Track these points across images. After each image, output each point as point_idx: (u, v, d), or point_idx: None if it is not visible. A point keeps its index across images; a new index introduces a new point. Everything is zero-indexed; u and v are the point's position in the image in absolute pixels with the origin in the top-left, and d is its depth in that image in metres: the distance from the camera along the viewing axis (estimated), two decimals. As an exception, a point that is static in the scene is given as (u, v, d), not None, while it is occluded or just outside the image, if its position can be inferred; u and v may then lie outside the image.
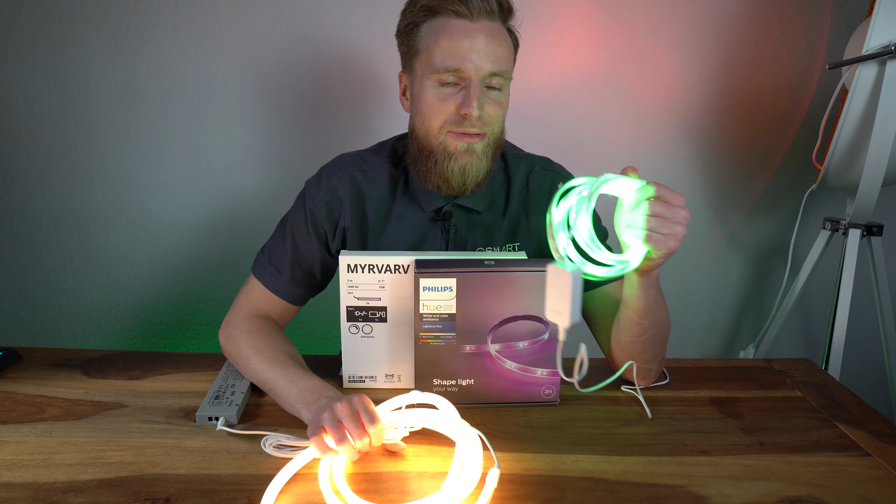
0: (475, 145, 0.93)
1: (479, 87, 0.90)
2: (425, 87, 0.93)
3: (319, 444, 0.73)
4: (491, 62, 0.90)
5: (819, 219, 1.58)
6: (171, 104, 1.54)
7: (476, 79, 0.90)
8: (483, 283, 0.85)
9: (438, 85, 0.91)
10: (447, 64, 0.89)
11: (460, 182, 0.95)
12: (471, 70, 0.89)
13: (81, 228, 1.61)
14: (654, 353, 0.93)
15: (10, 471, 0.73)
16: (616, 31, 1.55)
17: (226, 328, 0.98)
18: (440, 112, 0.92)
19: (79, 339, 1.68)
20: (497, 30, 0.91)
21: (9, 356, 1.02)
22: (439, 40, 0.90)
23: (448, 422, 0.79)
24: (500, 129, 0.97)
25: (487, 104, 0.92)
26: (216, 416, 0.84)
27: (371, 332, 0.94)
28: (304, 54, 1.53)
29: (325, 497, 0.69)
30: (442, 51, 0.90)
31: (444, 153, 0.94)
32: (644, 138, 1.63)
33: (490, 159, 0.96)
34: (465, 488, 0.68)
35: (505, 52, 0.92)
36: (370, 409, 0.76)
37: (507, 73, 0.93)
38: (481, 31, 0.90)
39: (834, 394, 0.98)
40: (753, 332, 1.80)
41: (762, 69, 1.60)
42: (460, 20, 0.90)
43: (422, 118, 0.94)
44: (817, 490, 0.72)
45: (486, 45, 0.89)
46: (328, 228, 1.01)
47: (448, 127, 0.92)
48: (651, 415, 0.89)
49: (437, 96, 0.92)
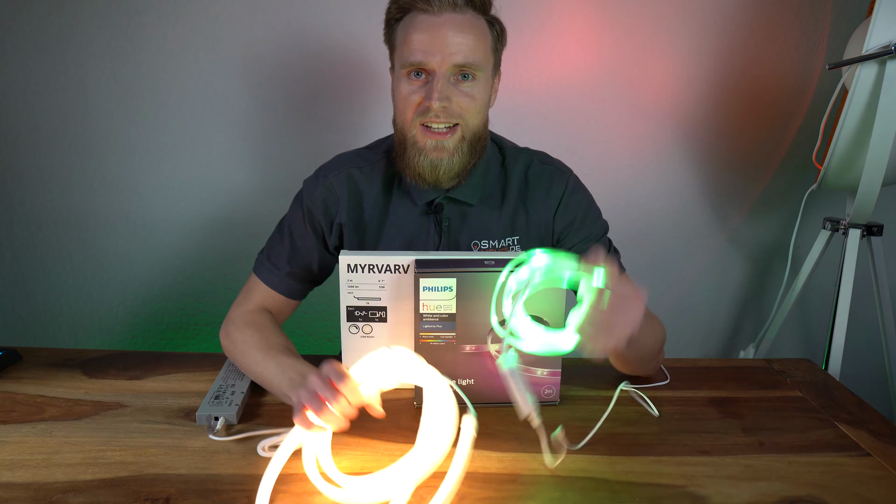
0: (444, 142, 0.94)
1: (442, 80, 0.91)
2: (400, 81, 0.95)
3: (303, 422, 0.72)
4: (455, 54, 0.90)
5: (819, 219, 1.58)
6: (171, 104, 1.54)
7: (440, 71, 0.91)
8: (483, 283, 0.85)
9: (408, 78, 0.94)
10: (411, 58, 0.91)
11: (433, 176, 0.96)
12: (434, 63, 0.91)
13: (81, 228, 1.61)
14: (651, 365, 0.96)
15: (10, 471, 0.73)
16: (616, 31, 1.55)
17: (225, 326, 1.00)
18: (410, 104, 0.94)
19: (79, 339, 1.68)
20: (464, 22, 0.91)
21: (9, 356, 1.02)
22: (408, 35, 0.92)
23: (417, 372, 0.76)
24: (478, 121, 0.97)
25: (456, 96, 0.93)
26: (216, 416, 0.84)
27: (371, 332, 0.94)
28: (303, 54, 1.53)
29: (310, 477, 0.69)
30: (409, 45, 0.92)
31: (415, 148, 0.95)
32: (644, 138, 1.63)
33: (467, 153, 0.97)
34: (441, 437, 0.67)
35: (472, 43, 0.92)
36: (339, 370, 0.75)
37: (478, 63, 0.93)
38: (444, 24, 0.90)
39: (834, 394, 0.98)
40: (753, 332, 1.80)
41: (762, 69, 1.60)
42: (425, 15, 0.91)
43: (397, 112, 0.98)
44: (817, 490, 0.72)
45: (450, 37, 0.90)
46: (324, 225, 1.02)
47: (418, 119, 0.94)
48: (658, 413, 0.89)
49: (408, 89, 0.94)
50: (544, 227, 1.03)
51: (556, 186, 1.04)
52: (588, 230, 1.03)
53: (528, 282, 0.75)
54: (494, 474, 0.74)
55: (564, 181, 1.04)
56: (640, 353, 0.93)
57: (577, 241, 1.03)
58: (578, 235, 1.03)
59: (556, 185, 1.04)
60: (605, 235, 1.06)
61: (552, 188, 1.03)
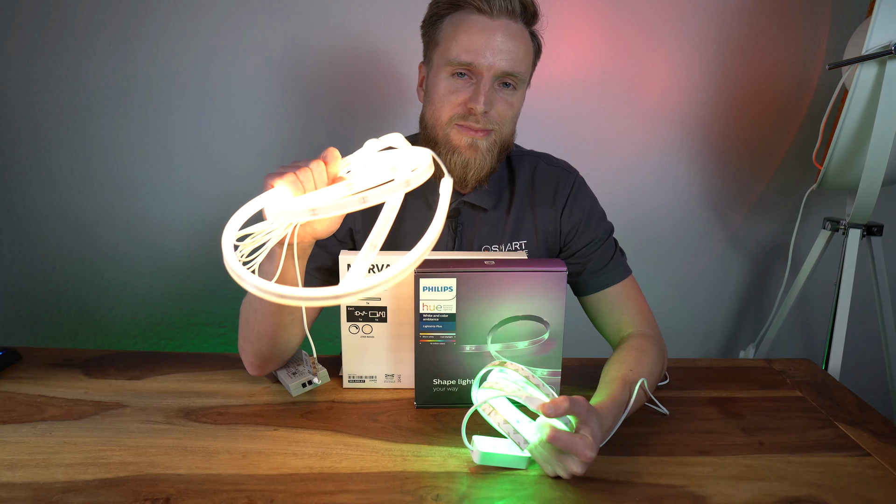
0: (479, 141, 0.93)
1: (489, 84, 0.90)
2: (439, 78, 0.93)
3: (272, 177, 0.72)
4: (505, 61, 0.90)
5: (819, 219, 1.58)
6: (172, 104, 1.54)
7: (488, 75, 0.90)
8: (483, 283, 0.85)
9: (451, 77, 0.92)
10: (462, 57, 0.90)
11: (461, 176, 0.96)
12: (483, 66, 0.90)
13: (81, 228, 1.61)
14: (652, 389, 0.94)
15: (10, 471, 0.73)
16: (616, 31, 1.55)
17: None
18: (449, 104, 0.93)
19: (79, 339, 1.68)
20: (517, 30, 0.92)
21: (9, 356, 1.02)
22: (458, 33, 0.91)
23: (398, 153, 0.75)
24: (510, 130, 0.97)
25: (497, 102, 0.92)
26: (309, 381, 0.93)
27: (371, 332, 0.94)
28: (304, 54, 1.53)
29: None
30: (459, 44, 0.91)
31: (448, 146, 0.94)
32: (644, 138, 1.63)
33: (495, 158, 0.96)
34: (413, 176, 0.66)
35: (522, 53, 0.92)
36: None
37: (522, 74, 0.93)
38: (499, 29, 0.90)
39: (834, 394, 0.98)
40: (753, 332, 1.80)
41: (762, 69, 1.60)
42: (480, 16, 0.90)
43: (432, 108, 0.95)
44: (817, 490, 0.72)
45: (502, 43, 0.90)
46: (340, 232, 1.01)
47: (455, 120, 0.93)
48: (667, 411, 0.89)
49: (449, 88, 0.93)
50: (552, 229, 1.03)
51: (562, 187, 1.03)
52: (594, 232, 1.03)
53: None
54: (494, 474, 0.74)
55: (570, 182, 1.04)
56: (637, 399, 0.88)
57: (584, 243, 1.03)
58: (585, 237, 1.03)
59: (563, 187, 1.03)
60: (611, 237, 1.06)
61: (558, 189, 1.03)
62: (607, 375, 0.88)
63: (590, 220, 1.03)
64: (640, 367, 0.89)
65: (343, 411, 0.89)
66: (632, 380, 0.86)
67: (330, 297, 0.62)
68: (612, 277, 1.01)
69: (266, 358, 0.93)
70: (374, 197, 0.64)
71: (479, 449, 0.74)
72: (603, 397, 0.81)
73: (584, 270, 1.02)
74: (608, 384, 0.85)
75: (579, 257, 1.02)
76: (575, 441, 0.70)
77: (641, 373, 0.88)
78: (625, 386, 0.84)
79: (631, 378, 0.86)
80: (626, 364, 0.89)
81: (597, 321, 1.04)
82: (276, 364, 0.95)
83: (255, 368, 0.95)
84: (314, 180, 0.74)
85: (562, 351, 0.89)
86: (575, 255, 1.03)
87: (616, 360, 0.91)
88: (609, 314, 1.01)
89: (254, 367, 0.95)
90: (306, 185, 0.73)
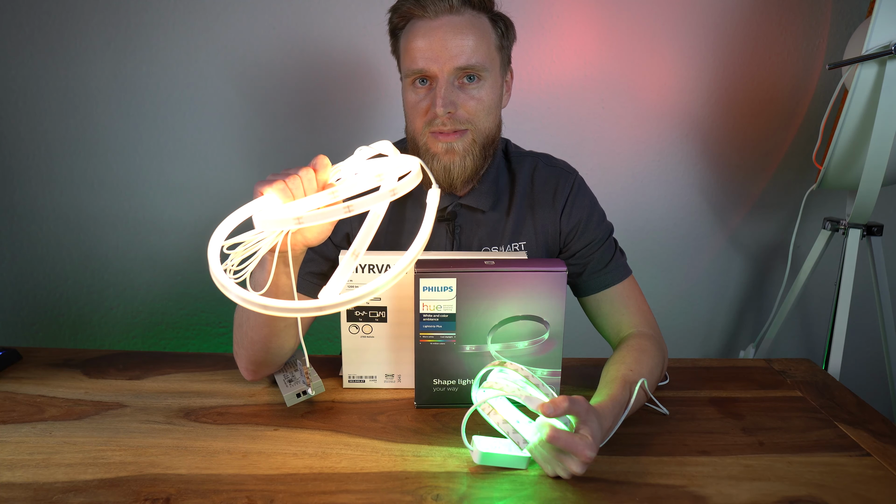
0: (454, 143, 0.93)
1: (445, 85, 0.90)
2: (406, 91, 0.95)
3: (262, 184, 0.72)
4: (455, 57, 0.89)
5: (819, 219, 1.58)
6: (172, 104, 1.54)
7: (442, 77, 0.90)
8: (483, 283, 0.85)
9: (413, 86, 0.93)
10: (413, 66, 0.91)
11: (446, 180, 0.96)
12: (435, 69, 0.90)
13: (81, 228, 1.61)
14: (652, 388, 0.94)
15: (10, 471, 0.73)
16: (616, 31, 1.55)
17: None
18: (418, 113, 0.94)
19: (79, 339, 1.68)
20: (462, 23, 0.90)
21: (9, 356, 1.02)
22: (407, 44, 0.92)
23: (388, 161, 0.75)
24: (488, 123, 0.96)
25: (462, 100, 0.92)
26: (303, 391, 0.88)
27: (371, 332, 0.94)
28: (304, 55, 1.53)
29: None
30: (409, 53, 0.91)
31: (428, 154, 0.95)
32: (644, 138, 1.63)
33: (478, 156, 0.96)
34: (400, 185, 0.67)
35: (473, 44, 0.90)
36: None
37: (481, 63, 0.91)
38: (441, 28, 0.89)
39: (834, 394, 0.98)
40: (753, 332, 1.80)
41: (762, 69, 1.60)
42: (423, 21, 0.91)
43: (407, 121, 0.97)
44: (817, 490, 0.72)
45: (447, 41, 0.89)
46: (337, 236, 1.01)
47: (427, 128, 0.94)
48: (667, 411, 0.89)
49: (414, 98, 0.94)
50: (552, 230, 1.03)
51: (561, 188, 1.03)
52: (594, 233, 1.03)
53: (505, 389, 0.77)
54: (494, 474, 0.74)
55: (570, 182, 1.04)
56: (636, 400, 0.88)
57: (584, 244, 1.02)
58: (585, 238, 1.02)
59: (562, 187, 1.03)
60: (611, 237, 1.05)
61: (558, 190, 1.03)
62: (607, 375, 0.88)
63: (590, 220, 1.03)
64: (641, 367, 0.89)
65: (343, 411, 0.89)
66: (632, 380, 0.86)
67: (312, 308, 0.62)
68: (613, 278, 1.01)
69: (260, 363, 0.93)
70: (359, 205, 0.65)
71: (478, 449, 0.74)
72: (603, 397, 0.81)
73: (584, 271, 1.02)
74: (608, 384, 0.85)
75: (579, 258, 1.02)
76: (575, 441, 0.70)
77: (641, 373, 0.88)
78: (625, 386, 0.84)
79: (631, 378, 0.86)
80: (626, 364, 0.89)
81: (597, 321, 1.04)
82: (272, 368, 0.95)
83: (250, 373, 0.95)
84: (303, 188, 0.74)
85: (562, 351, 0.89)
86: (575, 255, 1.03)
87: (616, 360, 0.91)
88: (609, 314, 1.01)
89: (249, 371, 0.95)
90: (295, 192, 0.73)
